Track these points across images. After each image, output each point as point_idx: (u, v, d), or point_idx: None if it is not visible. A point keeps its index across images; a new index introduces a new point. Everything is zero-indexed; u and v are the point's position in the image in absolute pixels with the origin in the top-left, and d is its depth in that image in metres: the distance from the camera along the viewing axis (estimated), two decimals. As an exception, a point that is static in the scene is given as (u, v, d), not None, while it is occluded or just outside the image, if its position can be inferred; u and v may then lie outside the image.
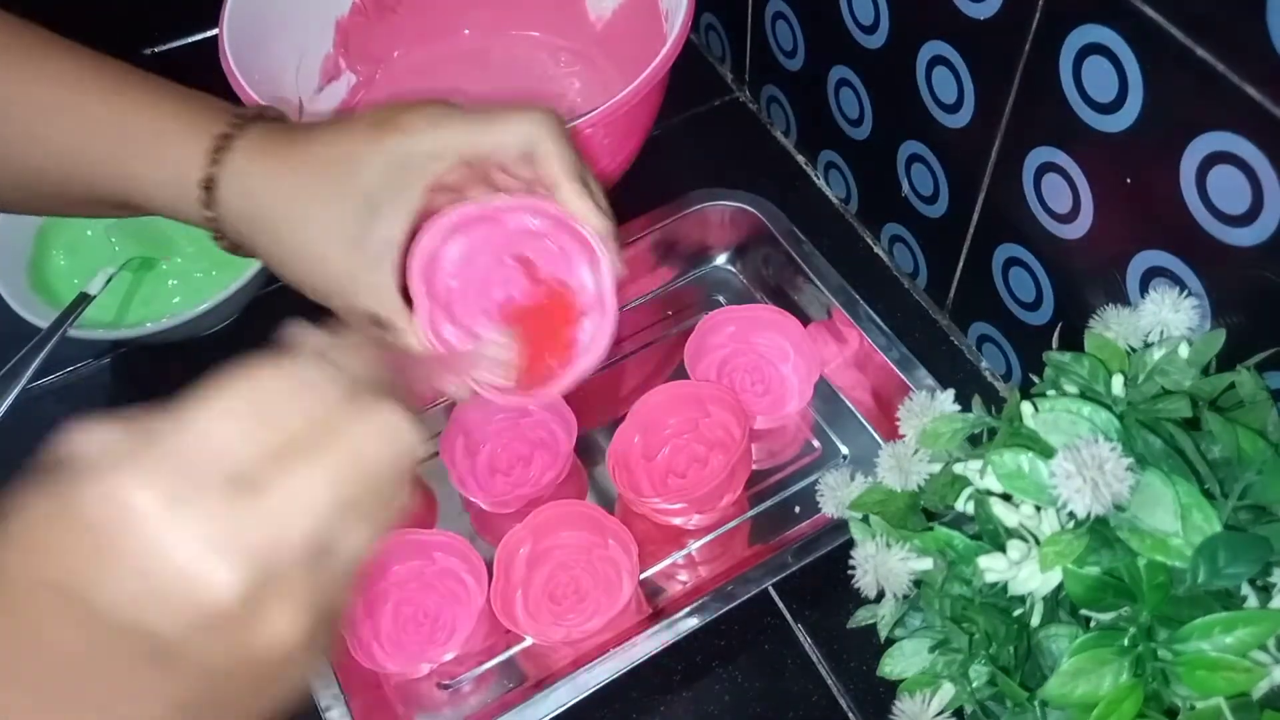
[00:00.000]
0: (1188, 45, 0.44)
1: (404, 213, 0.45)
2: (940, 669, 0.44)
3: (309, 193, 0.45)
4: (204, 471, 0.26)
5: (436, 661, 0.57)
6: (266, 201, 0.45)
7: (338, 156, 0.45)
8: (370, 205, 0.45)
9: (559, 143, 0.46)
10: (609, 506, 0.62)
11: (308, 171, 0.45)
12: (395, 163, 0.45)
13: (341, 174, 0.45)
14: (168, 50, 0.87)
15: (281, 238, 0.45)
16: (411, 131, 0.45)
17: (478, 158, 0.46)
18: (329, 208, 0.45)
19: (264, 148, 0.45)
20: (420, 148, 0.45)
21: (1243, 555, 0.37)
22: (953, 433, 0.46)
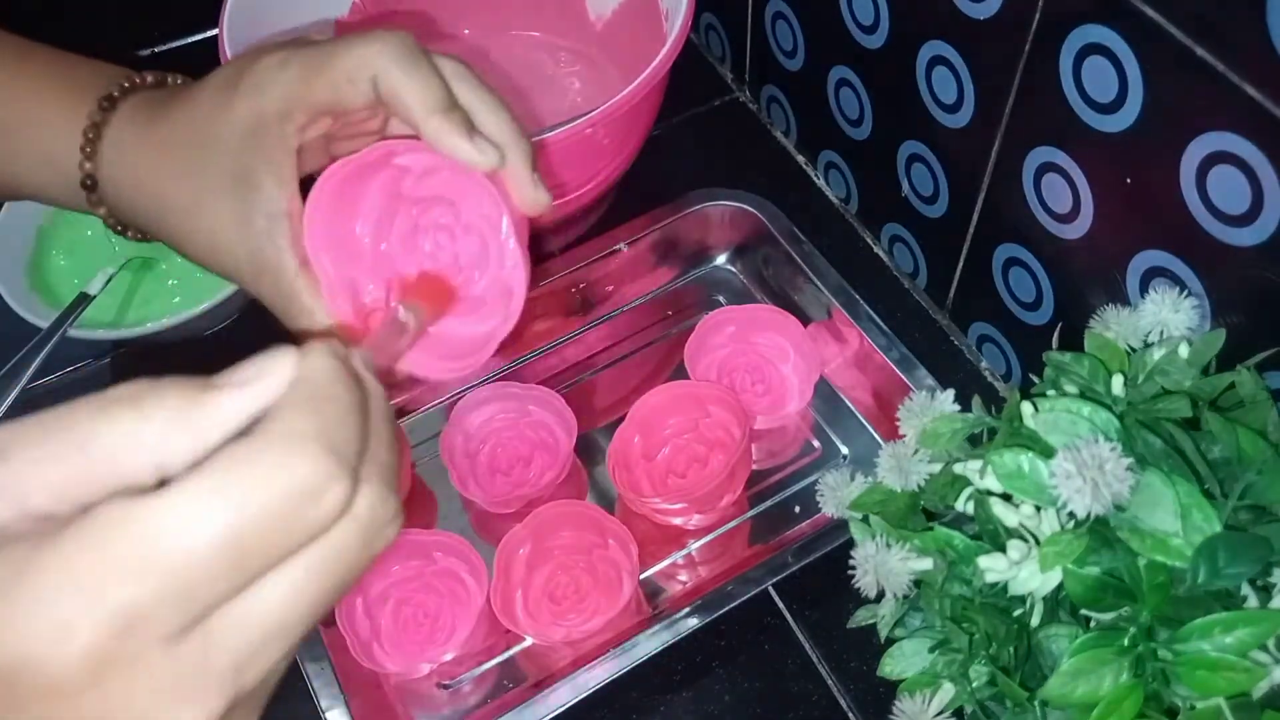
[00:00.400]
0: (1188, 45, 0.44)
1: (278, 181, 0.41)
2: (940, 669, 0.44)
3: (182, 179, 0.42)
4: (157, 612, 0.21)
5: (436, 661, 0.57)
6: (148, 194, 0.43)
7: (196, 135, 0.41)
8: (240, 180, 0.41)
9: (408, 69, 0.39)
10: (609, 506, 0.63)
11: (176, 155, 0.42)
12: (248, 130, 0.40)
13: (204, 155, 0.41)
14: (168, 50, 0.87)
15: (174, 229, 0.43)
16: (251, 92, 0.40)
17: (324, 108, 0.41)
18: (206, 192, 0.41)
19: (133, 135, 0.43)
20: (266, 108, 0.40)
21: (1243, 555, 0.37)
22: (953, 433, 0.46)
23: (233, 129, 0.41)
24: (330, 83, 0.40)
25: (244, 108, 0.41)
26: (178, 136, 0.42)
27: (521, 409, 0.64)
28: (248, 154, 0.41)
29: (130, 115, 0.44)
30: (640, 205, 0.71)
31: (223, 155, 0.41)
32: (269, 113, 0.40)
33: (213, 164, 0.41)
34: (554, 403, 0.63)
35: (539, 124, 0.63)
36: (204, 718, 0.22)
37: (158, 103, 0.44)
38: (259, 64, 0.41)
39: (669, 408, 0.63)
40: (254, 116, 0.40)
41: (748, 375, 0.66)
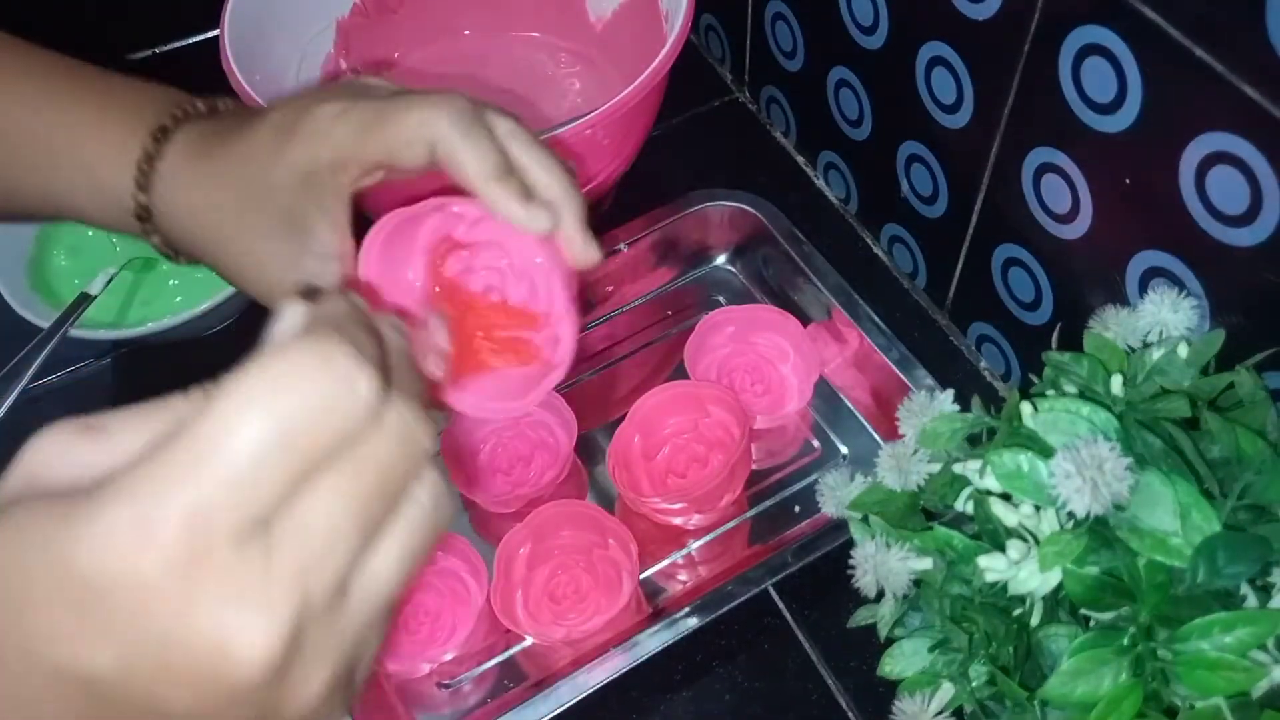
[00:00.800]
0: (1187, 45, 0.44)
1: (330, 225, 0.42)
2: (940, 669, 0.44)
3: (235, 215, 0.43)
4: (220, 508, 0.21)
5: (436, 661, 0.57)
6: (200, 224, 0.44)
7: (251, 174, 0.42)
8: (292, 224, 0.42)
9: (465, 136, 0.40)
10: (609, 506, 0.63)
11: (230, 192, 0.43)
12: (302, 177, 0.41)
13: (259, 195, 0.42)
14: (168, 50, 0.87)
15: (226, 261, 0.44)
16: (308, 139, 0.41)
17: (378, 165, 0.41)
18: (259, 230, 0.43)
19: (187, 168, 0.43)
20: (321, 157, 0.41)
21: (1242, 555, 0.37)
22: (952, 433, 0.46)
23: (287, 173, 0.42)
24: (387, 143, 0.40)
25: (299, 154, 0.41)
26: (233, 173, 0.43)
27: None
28: (301, 198, 0.42)
29: (184, 148, 0.44)
30: (640, 205, 0.71)
31: (276, 196, 0.42)
32: (323, 162, 0.41)
33: (267, 203, 0.42)
34: (554, 402, 0.64)
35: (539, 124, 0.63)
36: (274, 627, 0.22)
37: (212, 135, 0.44)
38: (318, 111, 0.42)
39: (669, 408, 0.63)
40: (308, 163, 0.41)
41: (748, 375, 0.66)
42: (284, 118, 0.42)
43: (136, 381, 0.69)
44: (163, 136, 0.44)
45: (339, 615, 0.24)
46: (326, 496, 0.23)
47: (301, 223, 0.42)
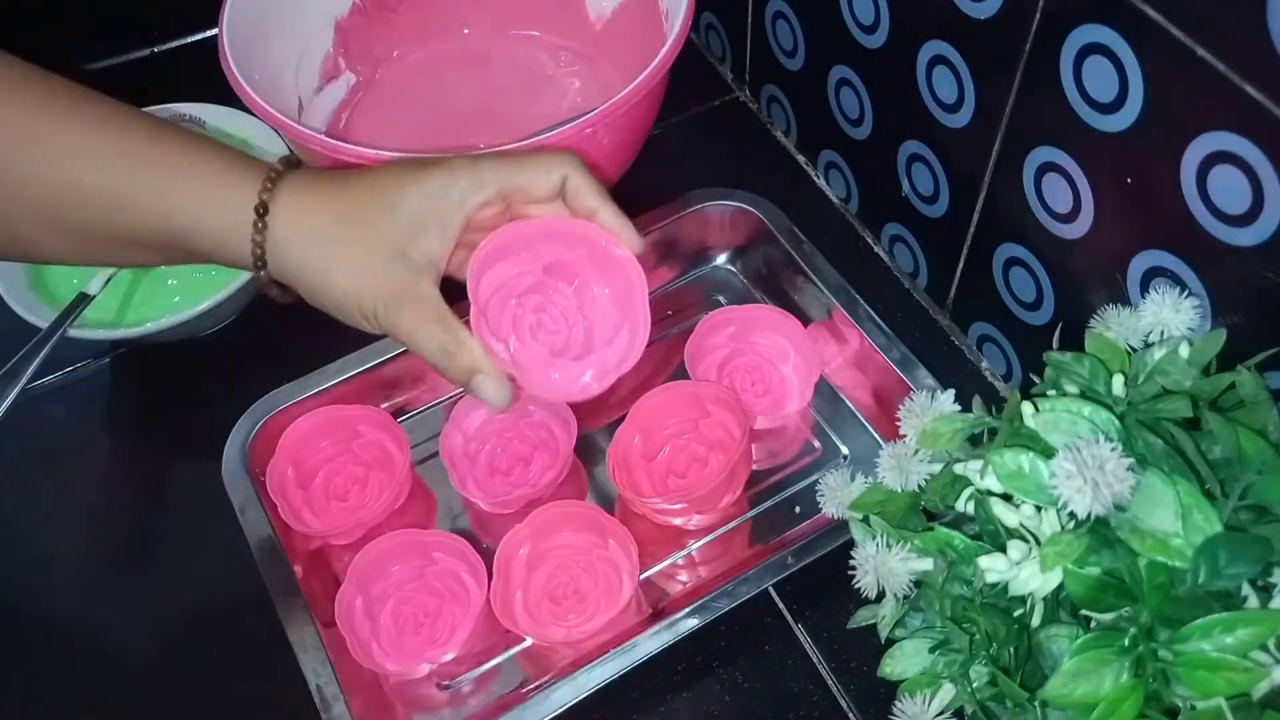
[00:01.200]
0: (1188, 45, 0.44)
1: (445, 236, 0.48)
2: (941, 669, 0.44)
3: (357, 214, 0.47)
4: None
5: (436, 661, 0.57)
6: (318, 223, 0.48)
7: (384, 189, 0.48)
8: (414, 227, 0.47)
9: (588, 175, 0.50)
10: (609, 507, 0.62)
11: (355, 199, 0.48)
12: (437, 192, 0.48)
13: (387, 203, 0.48)
14: (168, 50, 0.87)
15: (330, 255, 0.48)
16: (452, 169, 0.48)
17: (514, 190, 0.49)
18: (376, 227, 0.47)
19: (311, 182, 0.48)
20: (461, 180, 0.48)
21: (1243, 555, 0.37)
22: (953, 433, 0.46)
23: (421, 187, 0.48)
24: (528, 172, 0.49)
25: (443, 176, 0.48)
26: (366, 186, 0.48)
27: (521, 409, 0.64)
28: (429, 208, 0.48)
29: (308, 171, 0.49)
30: (640, 205, 0.71)
31: (403, 205, 0.47)
32: (461, 183, 0.48)
33: (394, 209, 0.47)
34: (554, 402, 0.63)
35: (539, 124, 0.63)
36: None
37: (334, 173, 0.50)
38: (454, 157, 0.49)
39: (669, 408, 0.63)
40: (445, 184, 0.48)
41: (748, 375, 0.66)
42: (418, 161, 0.49)
43: (135, 381, 0.69)
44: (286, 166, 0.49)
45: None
46: None
47: (419, 225, 0.47)
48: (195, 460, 0.65)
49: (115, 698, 0.58)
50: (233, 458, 0.61)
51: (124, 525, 0.65)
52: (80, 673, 0.59)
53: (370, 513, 0.61)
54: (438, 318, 0.48)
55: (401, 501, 0.62)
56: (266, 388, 0.63)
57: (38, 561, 0.63)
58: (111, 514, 0.66)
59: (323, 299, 0.49)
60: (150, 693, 0.58)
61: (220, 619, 0.60)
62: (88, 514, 0.65)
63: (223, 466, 0.61)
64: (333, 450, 0.63)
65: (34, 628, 0.61)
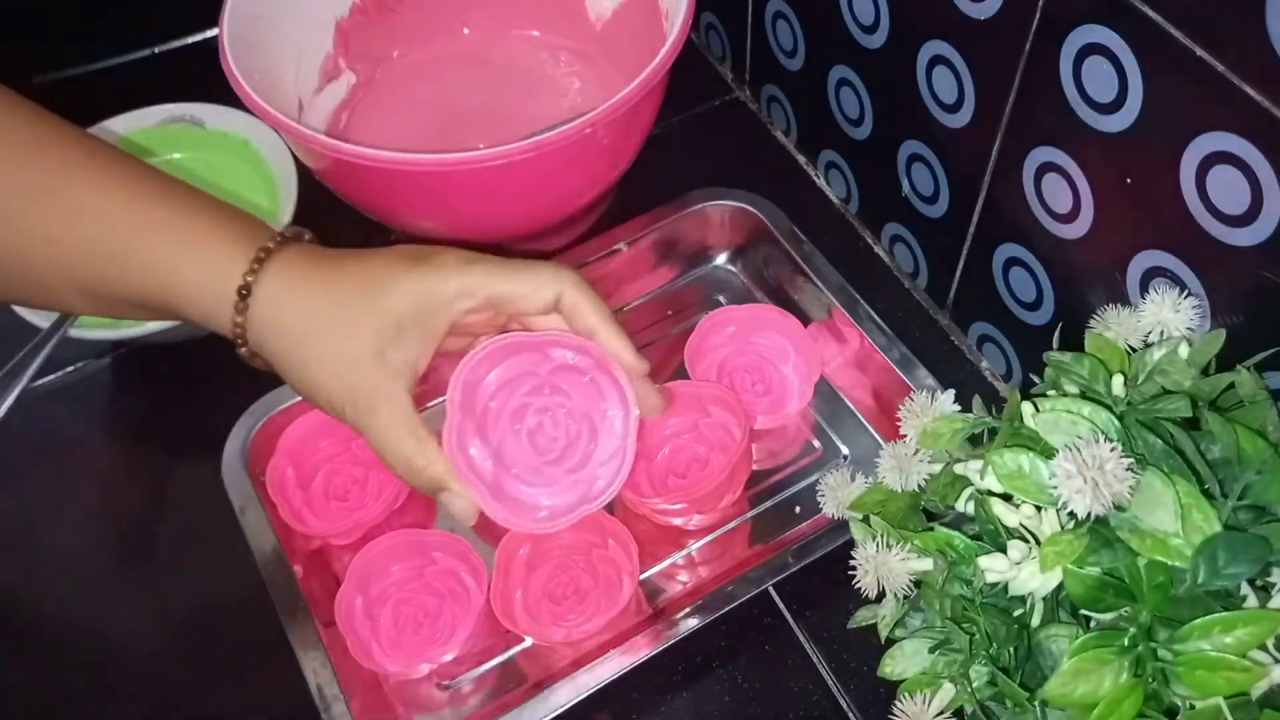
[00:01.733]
0: (1188, 45, 0.44)
1: (427, 340, 0.47)
2: (940, 669, 0.44)
3: (340, 306, 0.47)
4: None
5: (436, 661, 0.57)
6: (299, 310, 0.47)
7: (371, 278, 0.47)
8: (397, 327, 0.47)
9: (588, 292, 0.49)
10: (609, 506, 0.62)
11: (341, 289, 0.47)
12: (425, 293, 0.47)
13: (373, 294, 0.47)
14: (168, 50, 0.87)
15: (307, 344, 0.47)
16: (443, 268, 0.47)
17: (505, 301, 0.48)
18: (357, 322, 0.46)
19: (301, 264, 0.47)
20: (450, 283, 0.47)
21: (1242, 555, 0.37)
22: (953, 433, 0.46)
23: (410, 285, 0.47)
24: (521, 284, 0.48)
25: (433, 276, 0.47)
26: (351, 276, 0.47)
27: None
28: (412, 308, 0.47)
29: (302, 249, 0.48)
30: (640, 205, 0.71)
31: (389, 301, 0.46)
32: (450, 286, 0.47)
33: (378, 304, 0.46)
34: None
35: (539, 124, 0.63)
36: None
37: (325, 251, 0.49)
38: (453, 252, 0.48)
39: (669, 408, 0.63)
40: (434, 288, 0.47)
41: (748, 375, 0.66)
42: (419, 250, 0.48)
43: (135, 381, 0.69)
44: (279, 242, 0.48)
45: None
46: None
47: (401, 328, 0.47)
48: (195, 460, 0.65)
49: (115, 698, 0.58)
50: (233, 458, 0.61)
51: (124, 525, 0.65)
52: (80, 673, 0.59)
53: (370, 513, 0.61)
54: (409, 429, 0.47)
55: (401, 501, 0.62)
56: (266, 388, 0.63)
57: (38, 561, 0.63)
58: (111, 514, 0.66)
59: (296, 386, 0.48)
60: (150, 693, 0.58)
61: (220, 619, 0.60)
62: (87, 514, 0.65)
63: (223, 466, 0.61)
64: (333, 450, 0.63)
65: (34, 627, 0.61)
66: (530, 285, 0.48)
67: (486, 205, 0.64)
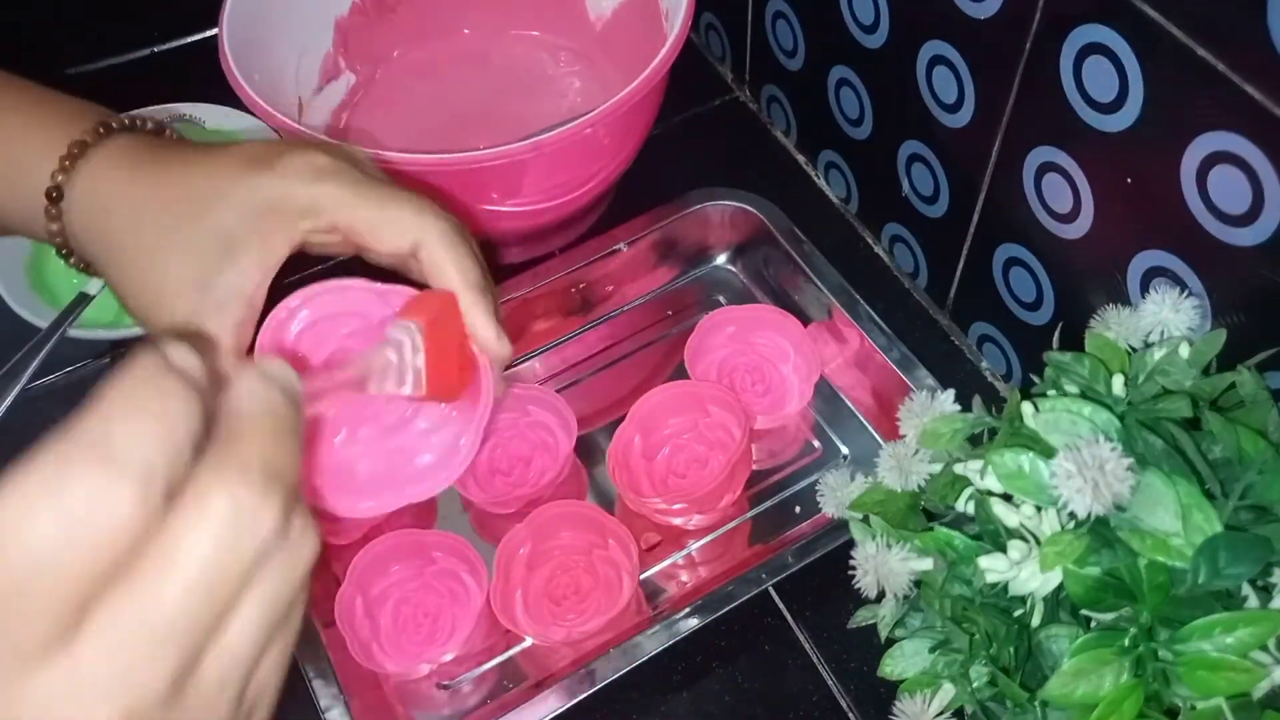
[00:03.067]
0: (1188, 45, 0.44)
1: (263, 264, 0.40)
2: (941, 669, 0.44)
3: (163, 222, 0.40)
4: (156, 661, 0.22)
5: (436, 661, 0.57)
6: (116, 224, 0.41)
7: (202, 189, 0.40)
8: (225, 247, 0.40)
9: (454, 246, 0.41)
10: (609, 506, 0.62)
11: (166, 198, 0.40)
12: (261, 206, 0.40)
13: (201, 208, 0.40)
14: (168, 50, 0.87)
15: (126, 265, 0.41)
16: (287, 175, 0.40)
17: (352, 232, 0.41)
18: (181, 243, 0.40)
19: (123, 163, 0.41)
20: (292, 197, 0.40)
21: (1243, 555, 0.37)
22: (953, 433, 0.46)
23: (248, 197, 0.40)
24: (375, 219, 0.40)
25: (271, 185, 0.40)
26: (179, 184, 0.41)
27: (521, 409, 0.64)
28: (248, 225, 0.40)
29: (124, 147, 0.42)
30: (640, 205, 0.71)
31: (218, 216, 0.40)
32: (291, 200, 0.40)
33: (206, 219, 0.40)
34: (554, 403, 0.63)
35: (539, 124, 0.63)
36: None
37: (159, 145, 0.43)
38: (306, 158, 0.41)
39: (669, 408, 0.63)
40: (277, 198, 0.40)
41: (748, 375, 0.66)
42: (260, 152, 0.41)
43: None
44: (104, 132, 0.42)
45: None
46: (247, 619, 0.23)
47: (234, 249, 0.40)
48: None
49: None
50: (233, 458, 0.61)
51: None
52: (80, 673, 0.59)
53: (370, 513, 0.61)
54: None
55: (401, 501, 0.62)
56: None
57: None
58: (111, 514, 0.65)
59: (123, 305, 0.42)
60: None
61: (220, 619, 0.60)
62: (88, 514, 0.65)
63: (223, 466, 0.61)
64: (333, 450, 0.63)
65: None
66: (381, 223, 0.40)
67: (487, 205, 0.64)
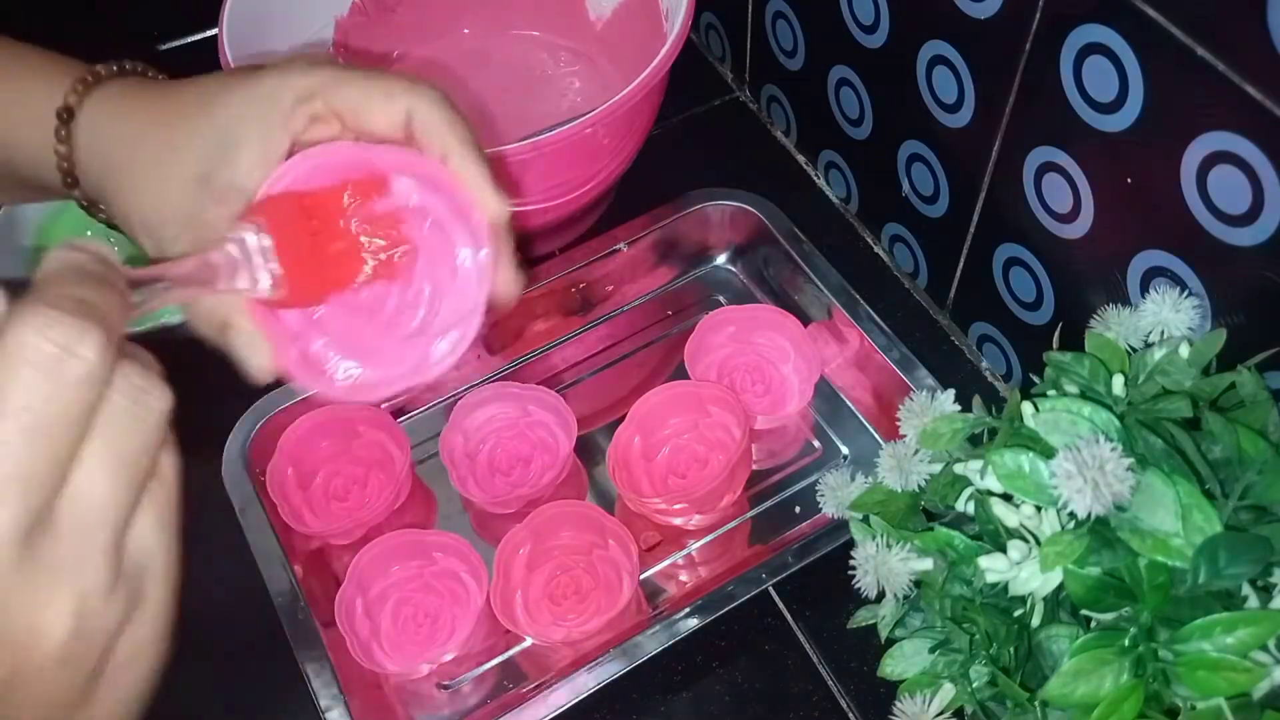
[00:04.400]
0: (1188, 45, 0.44)
1: (265, 157, 0.40)
2: (941, 669, 0.44)
3: (163, 125, 0.41)
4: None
5: (436, 662, 0.57)
6: (121, 132, 0.42)
7: (200, 95, 0.41)
8: (223, 143, 0.40)
9: (445, 110, 0.41)
10: (609, 506, 0.62)
11: (168, 105, 0.41)
12: (258, 98, 0.40)
13: (201, 106, 0.40)
14: (168, 50, 0.87)
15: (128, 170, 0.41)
16: (284, 72, 0.40)
17: (349, 111, 0.41)
18: (179, 141, 0.40)
19: (129, 91, 0.42)
20: (288, 85, 0.40)
21: (1243, 555, 0.37)
22: (953, 433, 0.46)
23: (241, 93, 0.40)
24: (367, 90, 0.40)
25: (269, 79, 0.40)
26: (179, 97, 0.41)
27: (521, 409, 0.64)
28: (243, 117, 0.40)
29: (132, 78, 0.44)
30: (640, 205, 0.71)
31: (216, 114, 0.40)
32: (293, 88, 0.40)
33: (205, 119, 0.40)
34: (554, 403, 0.63)
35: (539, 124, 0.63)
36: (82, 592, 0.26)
37: (160, 80, 0.44)
38: (295, 58, 0.41)
39: (669, 408, 0.63)
40: (274, 87, 0.40)
41: (748, 375, 0.66)
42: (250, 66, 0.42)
43: (136, 381, 0.69)
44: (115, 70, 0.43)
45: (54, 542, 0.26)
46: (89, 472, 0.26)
47: (230, 143, 0.40)
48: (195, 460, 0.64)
49: (115, 698, 0.58)
50: (233, 458, 0.61)
51: (124, 525, 0.65)
52: (80, 673, 0.59)
53: (370, 513, 0.61)
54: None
55: (401, 501, 0.62)
56: (267, 388, 0.63)
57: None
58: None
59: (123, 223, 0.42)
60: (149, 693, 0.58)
61: (220, 619, 0.60)
62: (88, 514, 0.65)
63: (223, 466, 0.61)
64: (333, 450, 0.63)
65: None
66: (375, 96, 0.40)
67: (486, 205, 0.64)
